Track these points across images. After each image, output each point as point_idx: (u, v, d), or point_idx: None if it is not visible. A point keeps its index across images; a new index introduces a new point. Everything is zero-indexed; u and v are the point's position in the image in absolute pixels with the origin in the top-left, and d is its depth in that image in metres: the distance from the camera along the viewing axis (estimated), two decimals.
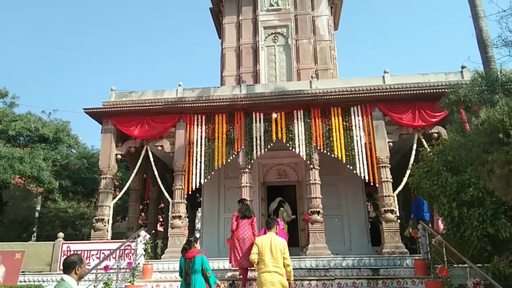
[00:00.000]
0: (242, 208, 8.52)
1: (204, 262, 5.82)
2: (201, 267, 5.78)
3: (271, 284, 5.67)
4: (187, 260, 5.86)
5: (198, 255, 5.84)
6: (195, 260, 5.79)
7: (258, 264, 6.01)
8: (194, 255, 5.85)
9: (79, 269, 3.43)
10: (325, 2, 16.06)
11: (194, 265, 5.77)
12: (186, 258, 5.91)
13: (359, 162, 11.00)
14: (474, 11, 8.51)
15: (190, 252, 5.90)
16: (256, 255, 5.99)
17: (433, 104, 9.79)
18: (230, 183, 13.68)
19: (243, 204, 8.69)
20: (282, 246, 5.98)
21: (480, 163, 5.20)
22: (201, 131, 11.90)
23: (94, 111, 12.35)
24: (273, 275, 5.73)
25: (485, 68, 8.05)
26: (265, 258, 5.86)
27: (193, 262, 5.79)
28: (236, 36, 15.90)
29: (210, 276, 5.77)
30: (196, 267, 5.76)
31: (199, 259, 5.81)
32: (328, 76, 14.71)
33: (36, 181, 15.20)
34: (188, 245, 6.01)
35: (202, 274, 5.78)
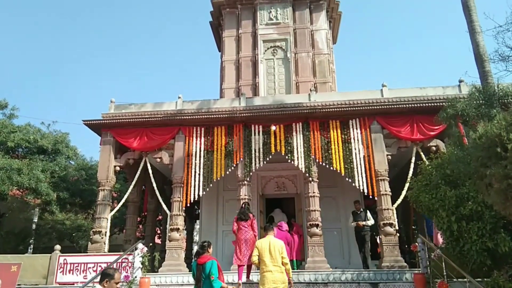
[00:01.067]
0: (240, 210, 9.17)
1: (212, 266, 5.74)
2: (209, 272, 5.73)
3: (272, 282, 6.31)
4: (199, 266, 5.82)
5: (209, 261, 5.79)
6: (206, 266, 5.75)
7: (259, 265, 6.64)
8: (206, 260, 5.79)
9: (107, 283, 3.56)
10: (323, 17, 16.26)
11: (204, 270, 5.73)
12: (198, 263, 5.87)
13: (357, 175, 11.00)
14: (471, 26, 8.61)
15: (202, 258, 5.85)
16: (256, 257, 6.67)
17: (431, 117, 9.84)
18: (229, 195, 13.64)
19: (241, 208, 9.33)
20: (280, 247, 6.62)
21: (478, 177, 5.21)
22: (200, 143, 11.91)
23: (93, 122, 12.37)
24: (274, 274, 6.37)
25: (482, 83, 8.11)
26: (265, 259, 6.49)
27: (204, 267, 5.75)
28: (236, 49, 16.04)
29: (213, 281, 5.64)
30: (207, 272, 5.71)
31: (209, 264, 5.76)
32: (326, 89, 14.80)
33: (34, 193, 15.13)
34: (202, 249, 5.97)
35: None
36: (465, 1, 8.84)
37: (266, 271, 6.41)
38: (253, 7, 16.33)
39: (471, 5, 8.75)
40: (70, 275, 9.95)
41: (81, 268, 9.91)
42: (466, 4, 8.81)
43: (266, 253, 6.53)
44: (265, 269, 6.43)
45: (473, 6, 8.74)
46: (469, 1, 8.77)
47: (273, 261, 6.45)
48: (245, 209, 9.05)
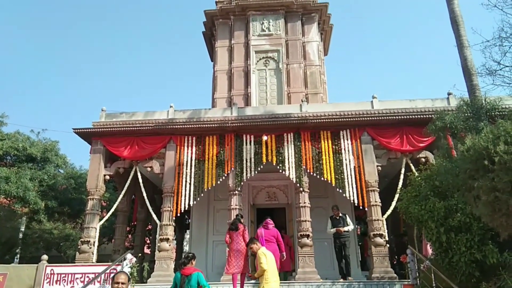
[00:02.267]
0: (231, 221, 9.28)
1: (200, 279, 5.83)
2: (197, 285, 5.79)
3: None
4: (183, 277, 5.86)
5: (194, 273, 5.86)
6: (191, 278, 5.80)
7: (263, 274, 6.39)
8: (191, 272, 5.86)
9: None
10: (315, 29, 16.46)
11: (190, 281, 5.77)
12: (182, 274, 5.90)
13: (348, 185, 11.06)
14: (459, 40, 8.80)
15: (187, 269, 5.91)
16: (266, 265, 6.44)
17: (420, 129, 9.97)
18: (220, 205, 13.59)
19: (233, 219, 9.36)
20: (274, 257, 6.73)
21: (466, 189, 5.28)
22: (191, 153, 11.89)
23: (83, 131, 12.28)
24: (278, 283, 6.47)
25: (470, 96, 8.27)
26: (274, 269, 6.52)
27: (189, 279, 5.80)
28: (228, 59, 16.13)
29: None
30: (192, 283, 5.76)
31: (195, 276, 5.82)
32: (318, 100, 14.93)
33: (22, 202, 14.91)
34: (187, 259, 6.06)
35: None
36: (453, 16, 9.04)
37: (274, 281, 6.39)
38: (246, 18, 16.48)
39: (459, 20, 8.95)
40: (57, 285, 9.76)
41: (68, 279, 9.73)
42: (454, 19, 9.01)
43: (273, 263, 6.59)
44: (272, 278, 6.39)
45: (461, 22, 8.94)
46: (457, 17, 8.98)
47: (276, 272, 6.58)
48: (236, 219, 9.07)
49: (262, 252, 6.64)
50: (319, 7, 16.64)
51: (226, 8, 16.59)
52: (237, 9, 16.44)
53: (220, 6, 16.73)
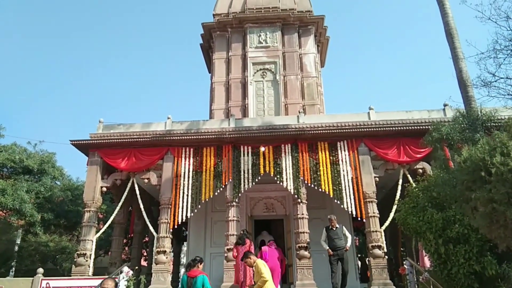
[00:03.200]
0: (238, 236, 9.64)
1: (205, 282, 5.96)
2: (202, 287, 5.90)
3: None
4: (189, 279, 6.00)
5: (200, 275, 5.99)
6: (197, 280, 5.93)
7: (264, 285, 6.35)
8: (197, 274, 5.99)
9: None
10: (312, 41, 16.62)
11: (195, 284, 5.91)
12: (188, 276, 6.04)
13: (346, 196, 11.05)
14: (454, 52, 8.89)
15: (193, 271, 6.04)
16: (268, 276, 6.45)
17: (417, 140, 10.02)
18: (217, 216, 13.52)
19: (240, 233, 9.69)
20: None
21: (464, 200, 5.28)
22: (188, 164, 11.87)
23: (80, 143, 12.26)
24: None
25: (466, 107, 8.32)
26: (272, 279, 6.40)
27: (195, 281, 5.94)
28: (226, 71, 16.22)
29: None
30: (198, 286, 5.90)
31: (201, 279, 5.96)
32: (315, 111, 14.99)
33: (18, 214, 14.80)
34: (193, 262, 6.20)
35: None
36: (448, 29, 9.16)
37: None
38: (243, 30, 16.63)
39: (454, 33, 9.06)
40: None
41: None
42: (449, 32, 9.12)
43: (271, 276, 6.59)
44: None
45: (455, 34, 9.05)
46: (452, 29, 9.09)
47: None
48: (242, 235, 9.41)
49: (262, 263, 6.57)
50: (316, 19, 16.83)
51: (223, 21, 16.76)
52: (235, 21, 16.60)
53: (217, 19, 16.89)
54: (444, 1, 9.53)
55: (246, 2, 17.16)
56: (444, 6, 9.46)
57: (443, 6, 9.50)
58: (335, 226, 9.74)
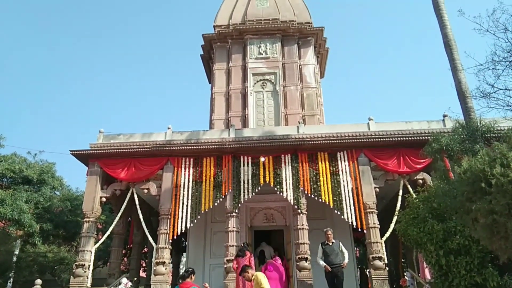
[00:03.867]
0: (239, 248, 9.69)
1: None
2: None
3: None
4: None
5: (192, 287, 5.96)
6: None
7: None
8: (188, 287, 5.96)
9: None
10: (311, 52, 16.75)
11: None
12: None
13: (346, 207, 11.02)
14: (453, 64, 8.95)
15: (185, 283, 6.01)
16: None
17: (417, 151, 10.02)
18: (217, 227, 13.46)
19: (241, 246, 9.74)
20: None
21: (464, 211, 5.26)
22: (188, 174, 11.87)
23: (80, 153, 12.26)
24: None
25: (465, 118, 8.34)
26: None
27: None
28: (226, 82, 16.32)
29: None
30: None
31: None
32: (315, 121, 15.04)
33: (17, 224, 14.74)
34: (186, 273, 6.19)
35: None
36: (446, 40, 9.23)
37: None
38: (243, 41, 16.77)
39: (452, 44, 9.13)
40: None
41: None
42: (448, 43, 9.19)
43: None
44: None
45: (454, 46, 9.12)
46: (450, 41, 9.16)
47: None
48: (243, 247, 9.46)
49: (262, 275, 6.49)
50: (315, 31, 16.98)
51: (224, 32, 16.91)
52: (235, 33, 16.76)
53: (218, 30, 17.05)
54: (442, 13, 9.62)
55: (246, 14, 17.34)
56: (443, 18, 9.55)
57: (441, 18, 9.60)
58: (331, 241, 9.20)
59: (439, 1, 9.77)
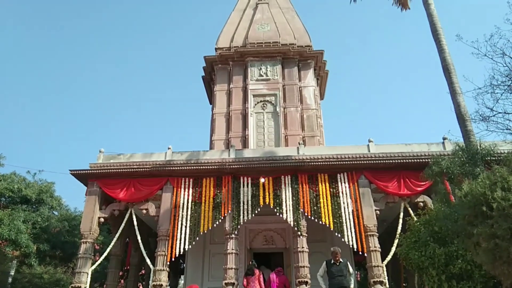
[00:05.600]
0: (248, 267, 10.19)
1: None
2: None
3: None
4: None
5: None
6: None
7: None
8: None
9: None
10: (311, 74, 16.95)
11: None
12: None
13: (347, 230, 10.91)
14: (452, 87, 9.04)
15: None
16: None
17: (417, 173, 10.00)
18: (216, 249, 13.29)
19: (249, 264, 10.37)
20: None
21: (466, 235, 5.20)
22: (188, 195, 11.81)
23: (80, 172, 12.24)
24: None
25: (465, 141, 8.36)
26: None
27: None
28: (226, 103, 16.45)
29: None
30: None
31: None
32: (315, 142, 15.07)
33: (13, 244, 14.54)
34: None
35: None
36: (445, 64, 9.35)
37: None
38: (244, 63, 17.00)
39: (451, 68, 9.25)
40: None
41: None
42: (446, 67, 9.31)
43: None
44: None
45: (452, 69, 9.23)
46: (449, 65, 9.28)
47: None
48: (251, 265, 9.89)
49: None
50: (315, 54, 17.24)
51: (225, 54, 17.17)
52: (236, 55, 17.00)
53: (219, 53, 17.32)
54: (440, 37, 9.78)
55: (247, 37, 17.64)
56: (441, 42, 9.71)
57: (439, 43, 9.75)
58: (338, 261, 8.20)
59: (437, 26, 9.95)
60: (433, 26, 10.02)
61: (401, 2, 12.41)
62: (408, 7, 12.47)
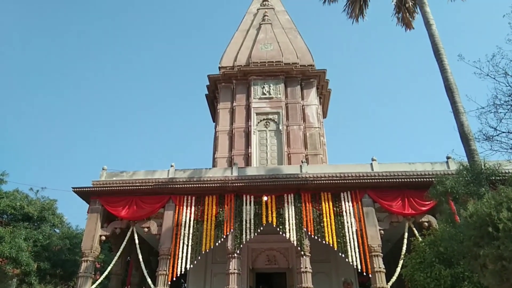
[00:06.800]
0: None
1: None
2: None
3: None
4: None
5: None
6: None
7: None
8: None
9: None
10: (314, 93, 17.06)
11: None
12: None
13: (350, 250, 10.77)
14: (455, 107, 9.03)
15: None
16: None
17: (421, 192, 9.91)
18: (218, 268, 13.12)
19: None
20: None
21: (472, 256, 5.12)
22: (190, 213, 11.74)
23: (83, 190, 12.24)
24: None
25: (469, 160, 8.30)
26: None
27: None
28: (230, 121, 16.54)
29: None
30: None
31: None
32: (317, 161, 15.04)
33: (14, 262, 14.39)
34: None
35: None
36: (447, 84, 9.37)
37: None
38: (247, 82, 17.15)
39: (453, 87, 9.26)
40: None
41: None
42: (449, 87, 9.32)
43: None
44: None
45: (455, 89, 9.25)
46: (451, 84, 9.30)
47: None
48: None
49: None
50: (318, 73, 17.39)
51: (228, 73, 17.35)
52: (239, 74, 17.18)
53: (223, 71, 17.51)
54: (442, 57, 9.84)
55: (251, 56, 17.85)
56: (443, 62, 9.76)
57: (441, 62, 9.80)
58: None
59: (439, 46, 10.02)
60: (435, 46, 10.10)
61: (405, 22, 12.57)
62: (412, 27, 12.63)
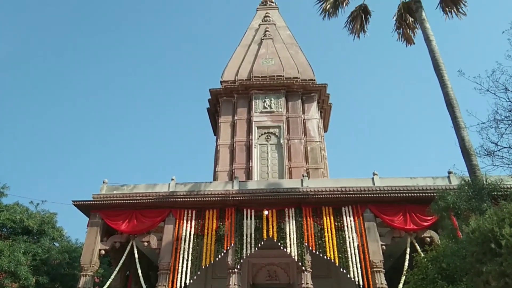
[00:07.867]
0: None
1: None
2: None
3: None
4: None
5: None
6: None
7: None
8: None
9: None
10: (315, 107, 17.13)
11: None
12: None
13: (352, 265, 10.65)
14: (456, 122, 9.04)
15: None
16: None
17: (423, 207, 9.86)
18: (217, 284, 12.98)
19: None
20: None
21: (475, 273, 5.06)
22: (190, 227, 11.67)
23: (83, 203, 12.20)
24: None
25: (470, 176, 8.27)
26: None
27: None
28: (231, 134, 16.57)
29: None
30: None
31: None
32: (319, 175, 15.01)
33: (12, 277, 14.25)
34: None
35: None
36: (448, 99, 9.40)
37: None
38: (249, 96, 17.25)
39: (454, 103, 9.29)
40: None
41: None
42: (449, 102, 9.34)
43: None
44: None
45: (456, 104, 9.27)
46: (452, 100, 9.33)
47: None
48: None
49: None
50: (319, 87, 17.49)
51: (230, 87, 17.47)
52: (241, 88, 17.29)
53: (224, 85, 17.63)
54: (442, 73, 9.89)
55: (252, 71, 17.99)
56: (443, 77, 9.81)
57: (442, 78, 9.85)
58: None
59: (439, 61, 10.09)
60: (435, 61, 10.17)
61: (406, 38, 12.69)
62: (413, 42, 12.74)
